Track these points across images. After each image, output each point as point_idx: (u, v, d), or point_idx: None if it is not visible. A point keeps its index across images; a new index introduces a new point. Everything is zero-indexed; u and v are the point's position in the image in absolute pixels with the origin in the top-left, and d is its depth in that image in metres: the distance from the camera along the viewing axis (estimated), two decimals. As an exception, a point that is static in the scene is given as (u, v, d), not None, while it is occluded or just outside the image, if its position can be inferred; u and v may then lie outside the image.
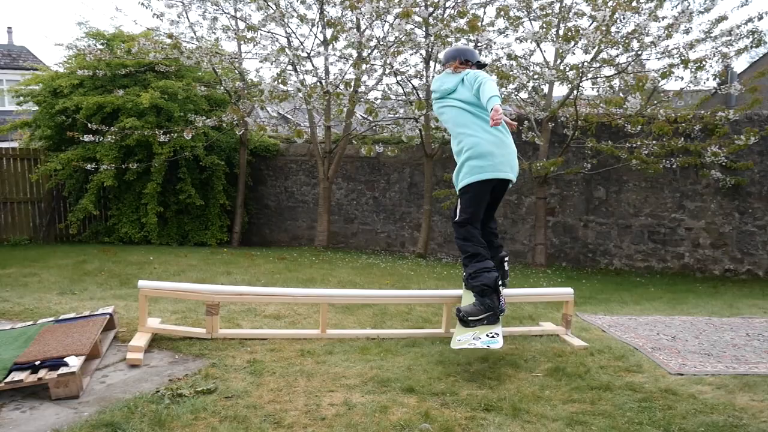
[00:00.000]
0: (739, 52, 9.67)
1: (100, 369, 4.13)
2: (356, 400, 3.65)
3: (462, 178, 4.74)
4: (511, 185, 5.01)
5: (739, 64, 24.04)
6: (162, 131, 11.37)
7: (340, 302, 5.85)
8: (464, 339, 4.44)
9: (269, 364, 4.22)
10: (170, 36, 11.31)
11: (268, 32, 11.56)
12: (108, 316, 4.73)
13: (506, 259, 5.14)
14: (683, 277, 10.62)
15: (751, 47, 9.71)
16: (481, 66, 5.04)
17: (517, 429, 3.35)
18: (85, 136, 11.19)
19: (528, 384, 4.06)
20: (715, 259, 10.90)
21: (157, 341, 4.71)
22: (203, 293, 4.84)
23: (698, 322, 6.26)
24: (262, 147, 13.64)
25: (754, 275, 10.69)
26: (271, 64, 11.19)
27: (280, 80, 10.97)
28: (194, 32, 11.99)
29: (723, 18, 9.89)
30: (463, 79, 4.79)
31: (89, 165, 11.36)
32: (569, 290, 5.48)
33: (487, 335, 4.38)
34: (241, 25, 11.82)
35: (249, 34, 11.26)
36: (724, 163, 10.36)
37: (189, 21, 11.94)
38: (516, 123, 4.50)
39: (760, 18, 9.49)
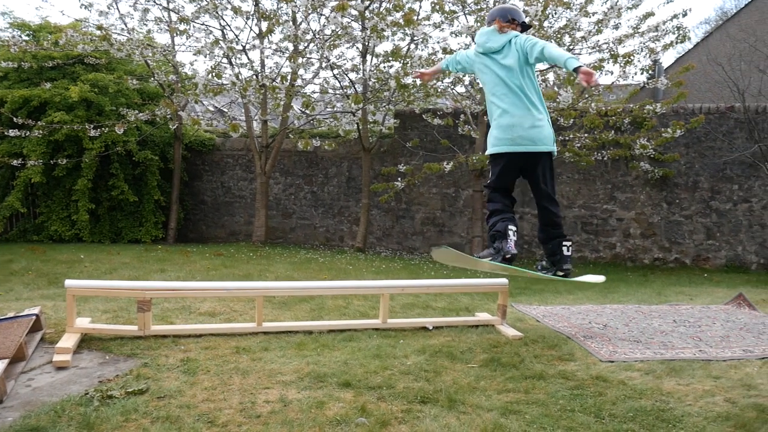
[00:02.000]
0: (665, 48, 9.99)
1: (25, 372, 3.99)
2: (292, 397, 3.62)
3: (487, 148, 4.89)
4: (553, 156, 4.91)
5: (666, 59, 24.79)
6: (92, 126, 11.06)
7: (276, 294, 5.80)
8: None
9: (203, 363, 4.15)
10: (100, 27, 10.99)
11: (202, 24, 11.36)
12: (34, 317, 4.57)
13: (564, 243, 5.00)
14: (615, 267, 10.92)
15: (677, 43, 10.03)
16: (526, 27, 5.01)
17: (452, 420, 3.38)
18: (10, 130, 10.81)
19: (464, 375, 4.09)
20: (644, 248, 11.23)
21: (87, 342, 4.57)
22: (134, 290, 4.72)
23: (628, 309, 6.44)
24: (198, 141, 13.40)
25: (682, 263, 11.07)
26: (205, 57, 11.01)
27: (214, 73, 10.79)
28: (125, 24, 11.68)
29: (650, 14, 10.19)
30: (511, 41, 4.73)
31: (15, 161, 10.98)
32: (504, 281, 5.56)
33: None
34: (174, 16, 11.57)
35: (182, 27, 11.03)
36: (652, 155, 10.69)
37: (119, 12, 11.62)
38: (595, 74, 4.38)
39: (685, 14, 9.81)
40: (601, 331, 5.41)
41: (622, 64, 9.67)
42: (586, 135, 10.57)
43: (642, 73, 10.11)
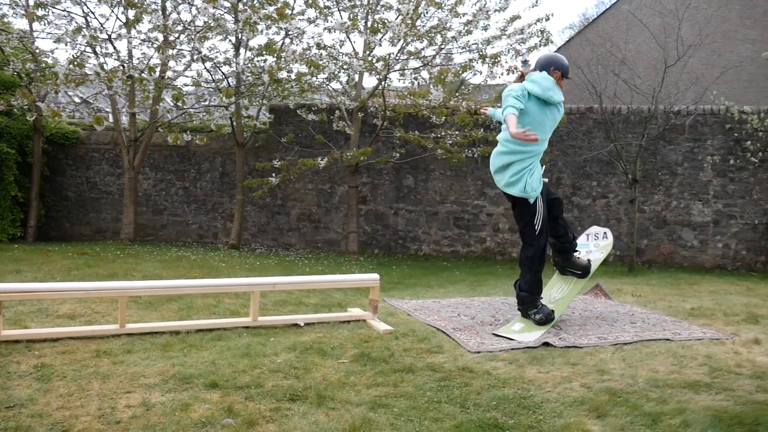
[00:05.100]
0: (530, 50, 10.44)
1: None
2: (155, 400, 3.49)
3: None
4: (523, 201, 5.37)
5: (534, 61, 25.87)
6: (-62, 116, 10.23)
7: (141, 294, 5.58)
8: None
9: (59, 368, 3.93)
10: (-54, 10, 10.17)
11: (63, 11, 10.73)
12: None
13: (520, 291, 5.49)
14: (485, 260, 11.29)
15: (541, 45, 10.49)
16: (564, 74, 5.27)
17: (321, 417, 3.37)
18: None
19: (334, 371, 4.10)
20: (513, 242, 11.69)
21: (-72, 350, 4.22)
22: (-21, 293, 4.40)
23: (495, 302, 6.67)
24: (60, 134, 12.67)
25: (547, 256, 11.58)
26: (66, 45, 10.39)
27: (76, 63, 10.22)
28: (-25, 7, 10.87)
29: (516, 17, 10.62)
30: (559, 104, 5.19)
31: None
32: (375, 276, 5.62)
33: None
34: (31, 0, 10.86)
35: (39, 12, 10.37)
36: (520, 153, 11.12)
37: (-31, -6, 10.79)
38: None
39: (547, 19, 10.30)
40: (469, 323, 5.57)
41: (490, 65, 10.01)
42: (457, 132, 10.85)
43: (508, 73, 10.49)
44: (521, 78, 5.30)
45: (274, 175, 11.02)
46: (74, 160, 12.92)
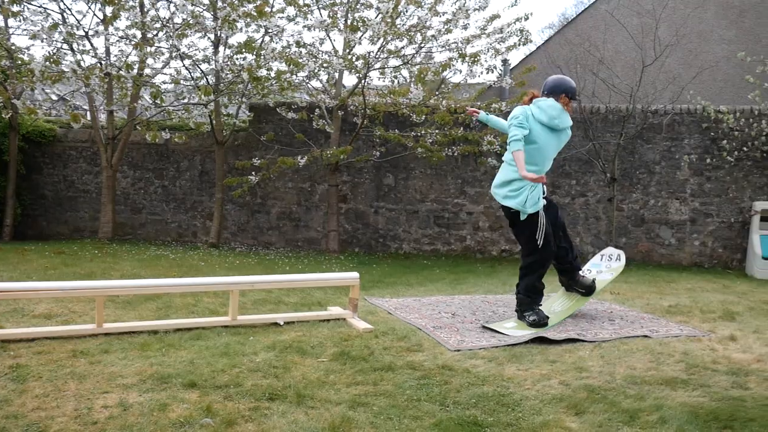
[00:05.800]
0: (509, 49, 10.47)
1: None
2: (133, 400, 3.47)
3: None
4: (513, 211, 5.50)
5: (514, 60, 26.01)
6: None
7: (118, 294, 5.53)
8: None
9: (35, 368, 3.88)
10: None
11: (39, 7, 10.58)
12: None
13: (517, 295, 5.72)
14: (465, 259, 11.32)
15: (520, 45, 10.53)
16: (572, 97, 5.40)
17: (300, 416, 3.36)
18: None
19: (314, 370, 4.09)
20: (492, 240, 11.74)
21: None
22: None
23: (475, 299, 6.70)
24: (37, 132, 12.51)
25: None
26: (42, 41, 10.26)
27: (52, 60, 10.08)
28: (-52, 2, 10.67)
29: (496, 16, 10.64)
30: (566, 129, 5.42)
31: None
32: (355, 275, 5.62)
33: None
34: (6, -4, 10.71)
35: (15, 8, 10.22)
36: (498, 152, 11.15)
37: (-59, -11, 10.59)
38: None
39: (527, 18, 10.34)
40: (449, 321, 5.59)
41: (470, 63, 10.03)
42: (437, 131, 10.86)
43: (488, 72, 10.53)
44: (530, 100, 5.39)
45: (253, 173, 10.96)
46: (51, 158, 12.78)
